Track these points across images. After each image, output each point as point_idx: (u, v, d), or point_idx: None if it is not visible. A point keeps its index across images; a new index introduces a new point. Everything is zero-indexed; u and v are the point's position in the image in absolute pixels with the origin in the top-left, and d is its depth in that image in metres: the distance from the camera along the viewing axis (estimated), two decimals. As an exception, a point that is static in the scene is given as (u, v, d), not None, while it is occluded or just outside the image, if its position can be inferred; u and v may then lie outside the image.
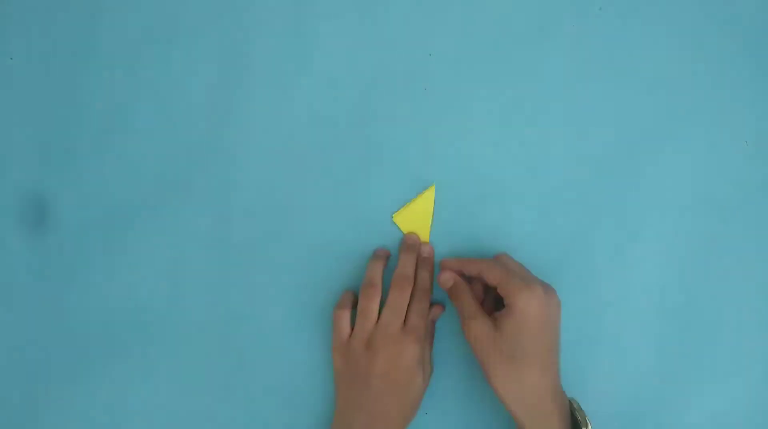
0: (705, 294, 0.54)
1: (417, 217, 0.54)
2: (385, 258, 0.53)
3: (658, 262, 0.54)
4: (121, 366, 0.54)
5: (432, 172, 0.55)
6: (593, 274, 0.54)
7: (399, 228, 0.54)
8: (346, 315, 0.52)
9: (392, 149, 0.55)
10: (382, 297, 0.51)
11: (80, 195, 0.56)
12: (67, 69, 0.56)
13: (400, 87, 0.56)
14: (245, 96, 0.56)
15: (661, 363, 0.54)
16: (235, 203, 0.55)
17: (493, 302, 0.52)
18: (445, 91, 0.56)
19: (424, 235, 0.54)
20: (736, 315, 0.54)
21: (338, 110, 0.56)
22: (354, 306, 0.52)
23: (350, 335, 0.51)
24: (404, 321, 0.50)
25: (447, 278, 0.51)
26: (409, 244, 0.53)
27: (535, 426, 0.45)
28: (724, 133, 0.55)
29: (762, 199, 0.55)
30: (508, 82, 0.56)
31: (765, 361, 0.54)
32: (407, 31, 0.56)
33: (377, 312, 0.51)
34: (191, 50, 0.56)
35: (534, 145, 0.55)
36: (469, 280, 0.52)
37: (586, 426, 0.46)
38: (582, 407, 0.48)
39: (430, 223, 0.54)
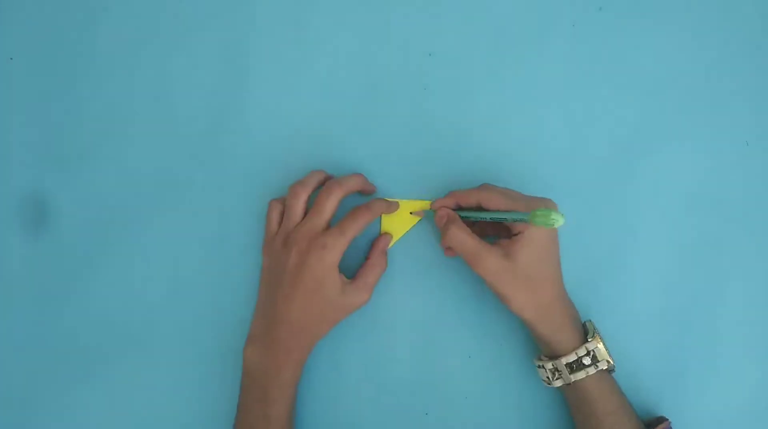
0: (705, 294, 0.54)
1: (396, 221, 0.54)
2: (328, 175, 0.53)
3: (658, 262, 0.54)
4: (120, 366, 0.54)
5: (432, 172, 0.55)
6: (593, 274, 0.54)
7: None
8: (277, 207, 0.51)
9: (392, 149, 0.55)
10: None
11: (80, 195, 0.56)
12: (67, 69, 0.56)
13: (400, 87, 0.56)
14: (245, 96, 0.56)
15: (661, 363, 0.54)
16: (235, 203, 0.55)
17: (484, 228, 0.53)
18: (445, 91, 0.56)
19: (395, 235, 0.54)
20: (736, 315, 0.54)
21: (338, 110, 0.56)
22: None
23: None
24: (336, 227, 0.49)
25: (441, 216, 0.51)
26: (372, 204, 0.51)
27: (548, 327, 0.48)
28: (724, 133, 0.55)
29: (762, 199, 0.55)
30: (508, 82, 0.56)
31: (765, 361, 0.54)
32: (407, 31, 0.56)
33: (303, 211, 0.50)
34: (191, 50, 0.56)
35: (533, 145, 0.55)
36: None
37: (594, 335, 0.48)
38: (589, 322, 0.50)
39: (402, 233, 0.54)
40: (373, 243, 0.53)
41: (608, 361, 0.48)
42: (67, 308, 0.55)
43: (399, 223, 0.54)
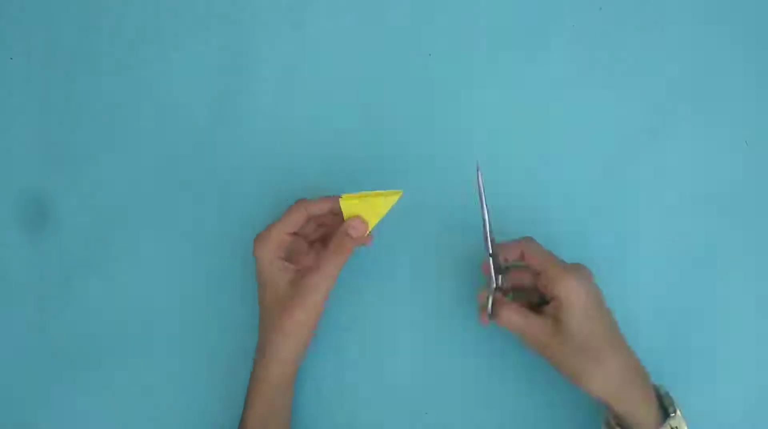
0: (705, 294, 0.54)
1: (367, 210, 0.49)
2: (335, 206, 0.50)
3: (657, 262, 0.54)
4: (120, 366, 0.54)
5: (432, 172, 0.55)
6: (593, 275, 0.54)
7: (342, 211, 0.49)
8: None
9: (392, 149, 0.55)
10: None
11: (80, 195, 0.56)
12: (67, 69, 0.56)
13: (400, 87, 0.56)
14: (245, 96, 0.56)
15: (661, 363, 0.54)
16: (235, 203, 0.55)
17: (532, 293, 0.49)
18: (445, 91, 0.56)
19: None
20: (736, 315, 0.54)
21: (338, 110, 0.56)
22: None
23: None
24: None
25: (484, 295, 0.47)
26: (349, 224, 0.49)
27: (626, 404, 0.44)
28: (724, 133, 0.55)
29: (762, 199, 0.55)
30: (508, 82, 0.56)
31: (765, 361, 0.54)
32: (407, 31, 0.56)
33: (292, 221, 0.49)
34: (191, 50, 0.56)
35: (533, 145, 0.55)
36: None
37: (675, 409, 0.45)
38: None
39: (376, 222, 0.49)
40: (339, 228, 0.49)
41: None
42: (67, 308, 0.55)
43: (370, 209, 0.49)
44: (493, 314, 0.47)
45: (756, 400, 0.53)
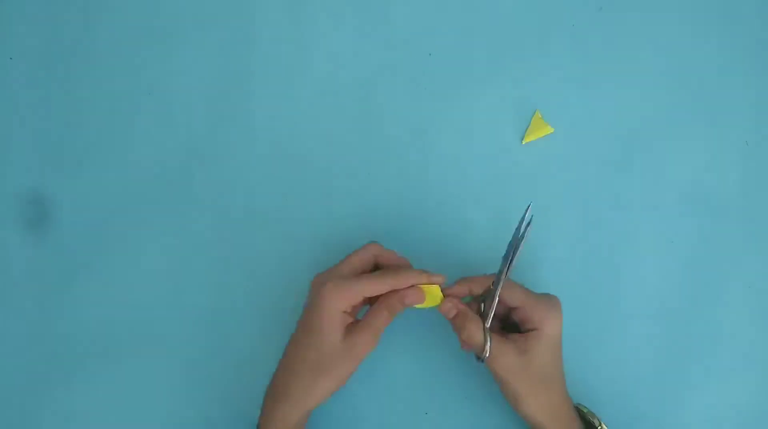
0: (704, 294, 0.54)
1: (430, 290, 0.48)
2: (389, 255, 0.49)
3: (657, 262, 0.54)
4: (120, 366, 0.54)
5: (432, 172, 0.55)
6: (593, 275, 0.54)
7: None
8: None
9: (392, 149, 0.55)
10: None
11: (80, 195, 0.56)
12: (67, 69, 0.56)
13: (400, 87, 0.56)
14: (245, 96, 0.56)
15: (661, 363, 0.54)
16: (235, 203, 0.55)
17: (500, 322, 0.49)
18: (445, 91, 0.56)
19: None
20: (736, 315, 0.54)
21: (338, 110, 0.56)
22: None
23: None
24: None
25: (449, 308, 0.47)
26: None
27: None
28: (724, 133, 0.55)
29: (762, 199, 0.55)
30: (508, 81, 0.56)
31: (764, 361, 0.54)
32: (407, 31, 0.56)
33: (349, 263, 0.47)
34: (191, 50, 0.56)
35: (533, 145, 0.55)
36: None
37: (599, 422, 0.48)
38: (582, 407, 0.49)
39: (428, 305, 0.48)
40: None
41: None
42: (67, 308, 0.55)
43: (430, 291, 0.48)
44: (457, 326, 0.47)
45: (755, 401, 0.53)
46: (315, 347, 0.45)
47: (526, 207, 0.46)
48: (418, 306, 0.48)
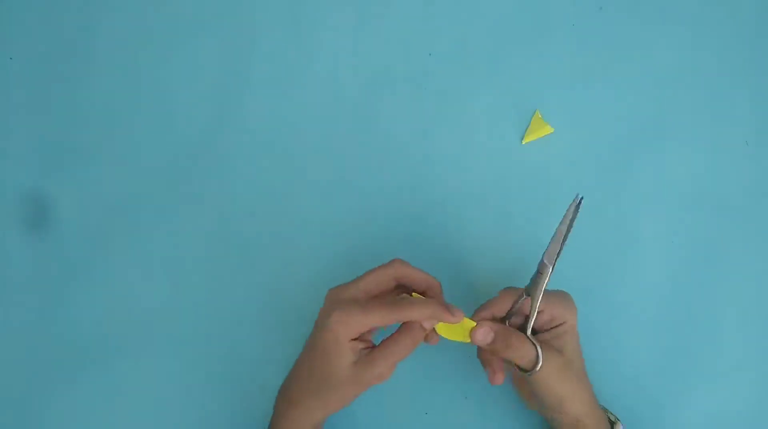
0: (705, 294, 0.54)
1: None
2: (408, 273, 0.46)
3: (657, 262, 0.54)
4: (120, 366, 0.54)
5: (432, 172, 0.55)
6: (593, 275, 0.54)
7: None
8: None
9: (392, 149, 0.55)
10: None
11: (80, 195, 0.56)
12: (67, 69, 0.56)
13: (400, 87, 0.56)
14: (245, 96, 0.56)
15: (661, 363, 0.54)
16: (235, 203, 0.55)
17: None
18: (445, 91, 0.56)
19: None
20: (736, 315, 0.54)
21: (338, 110, 0.56)
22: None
23: None
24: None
25: (486, 331, 0.44)
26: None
27: (595, 421, 0.45)
28: (724, 133, 0.55)
29: (762, 199, 0.55)
30: (508, 81, 0.56)
31: (765, 361, 0.54)
32: (407, 31, 0.56)
33: (365, 283, 0.45)
34: (191, 51, 0.56)
35: (533, 145, 0.55)
36: None
37: (616, 419, 0.48)
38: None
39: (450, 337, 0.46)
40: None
41: None
42: (67, 308, 0.55)
43: (454, 329, 0.45)
44: (500, 346, 0.44)
45: (756, 401, 0.53)
46: (321, 369, 0.44)
47: (574, 200, 0.42)
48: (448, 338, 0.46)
